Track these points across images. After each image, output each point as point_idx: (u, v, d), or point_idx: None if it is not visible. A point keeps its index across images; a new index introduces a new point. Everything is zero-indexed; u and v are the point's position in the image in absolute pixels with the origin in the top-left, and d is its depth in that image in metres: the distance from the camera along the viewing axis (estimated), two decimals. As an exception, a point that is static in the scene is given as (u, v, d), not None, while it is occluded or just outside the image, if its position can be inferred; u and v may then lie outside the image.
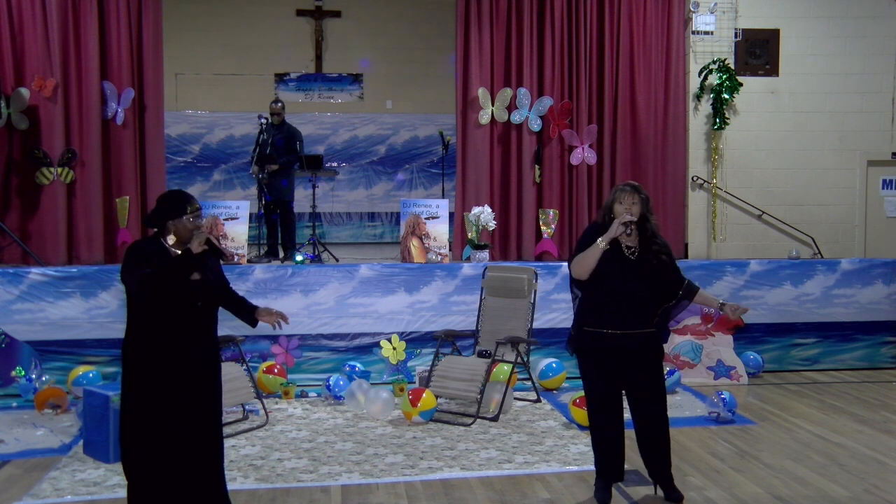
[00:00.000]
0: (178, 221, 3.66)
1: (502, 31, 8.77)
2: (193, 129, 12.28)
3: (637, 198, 4.28)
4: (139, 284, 3.53)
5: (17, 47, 8.10)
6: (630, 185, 4.37)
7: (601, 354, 4.30)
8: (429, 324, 7.37)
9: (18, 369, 6.73)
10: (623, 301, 4.23)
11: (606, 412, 4.35)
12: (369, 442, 5.52)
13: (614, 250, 4.27)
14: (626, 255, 4.28)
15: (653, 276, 4.29)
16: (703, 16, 9.08)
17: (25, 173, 8.09)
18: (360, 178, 12.55)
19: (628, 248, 4.30)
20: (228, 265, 7.25)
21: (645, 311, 4.28)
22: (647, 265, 4.28)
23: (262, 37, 12.39)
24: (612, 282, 4.24)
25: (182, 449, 3.62)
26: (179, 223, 3.66)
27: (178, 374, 3.61)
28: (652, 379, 4.36)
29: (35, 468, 4.99)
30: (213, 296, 3.79)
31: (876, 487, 4.66)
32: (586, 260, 4.23)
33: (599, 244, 4.20)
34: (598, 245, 4.20)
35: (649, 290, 4.29)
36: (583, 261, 4.25)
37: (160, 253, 3.64)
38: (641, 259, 4.29)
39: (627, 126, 8.91)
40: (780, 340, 7.88)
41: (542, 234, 8.65)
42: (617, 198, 4.31)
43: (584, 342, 4.34)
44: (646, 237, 4.32)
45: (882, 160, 9.45)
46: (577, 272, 4.29)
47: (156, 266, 3.56)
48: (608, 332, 4.24)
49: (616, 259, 4.26)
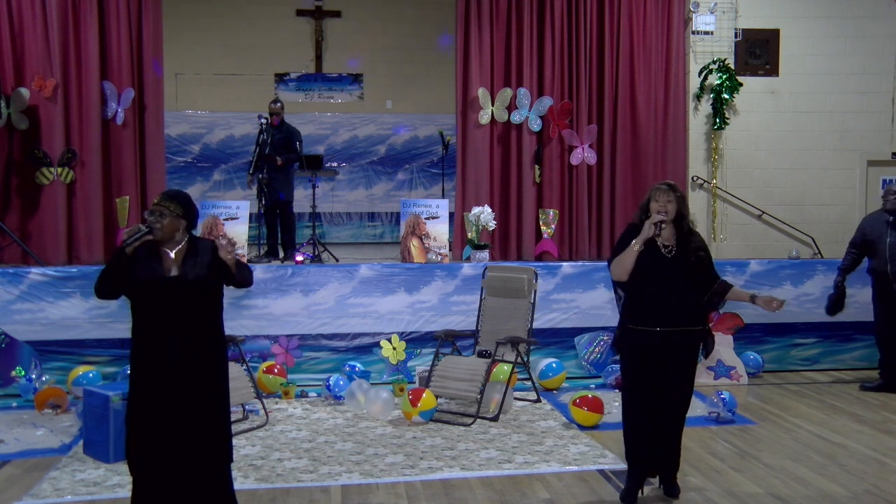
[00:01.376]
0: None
1: (502, 31, 8.77)
2: (193, 129, 12.28)
3: (672, 196, 4.34)
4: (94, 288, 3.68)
5: (17, 47, 8.10)
6: (666, 183, 4.43)
7: (644, 352, 4.33)
8: (429, 324, 7.37)
9: (18, 369, 6.72)
10: (665, 299, 4.27)
11: (642, 409, 4.38)
12: (369, 442, 5.52)
13: (652, 250, 4.32)
14: (664, 254, 4.32)
15: (691, 273, 4.34)
16: (703, 16, 9.09)
17: (25, 173, 8.09)
18: (360, 178, 12.56)
19: (665, 247, 4.34)
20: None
21: (687, 308, 4.32)
22: (685, 263, 4.32)
23: (262, 37, 12.39)
24: (652, 281, 4.29)
25: (182, 448, 3.60)
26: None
27: (151, 374, 3.59)
28: (684, 377, 4.41)
29: (35, 468, 4.98)
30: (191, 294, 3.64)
31: (876, 487, 4.66)
32: (623, 262, 4.31)
33: (634, 246, 4.28)
34: (632, 248, 4.28)
35: (689, 287, 4.33)
36: (620, 263, 4.33)
37: (148, 253, 3.63)
38: (679, 257, 4.33)
39: (627, 126, 8.91)
40: (780, 340, 7.88)
41: (542, 234, 8.65)
42: (652, 196, 4.38)
43: (629, 340, 4.38)
44: (683, 235, 4.37)
45: (882, 160, 9.45)
46: (617, 274, 4.38)
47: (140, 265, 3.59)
48: (650, 329, 4.28)
49: (654, 258, 4.31)
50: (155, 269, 3.60)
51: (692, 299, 4.34)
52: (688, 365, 4.40)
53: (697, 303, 4.37)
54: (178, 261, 3.64)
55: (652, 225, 4.25)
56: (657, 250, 4.33)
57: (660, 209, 4.30)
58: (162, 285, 3.58)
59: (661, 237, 4.32)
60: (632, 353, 4.39)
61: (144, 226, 3.64)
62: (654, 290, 4.29)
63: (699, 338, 4.39)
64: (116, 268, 3.61)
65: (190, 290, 3.62)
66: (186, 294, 3.62)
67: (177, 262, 3.64)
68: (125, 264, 3.60)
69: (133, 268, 3.59)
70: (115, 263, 3.61)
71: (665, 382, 4.38)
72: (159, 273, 3.60)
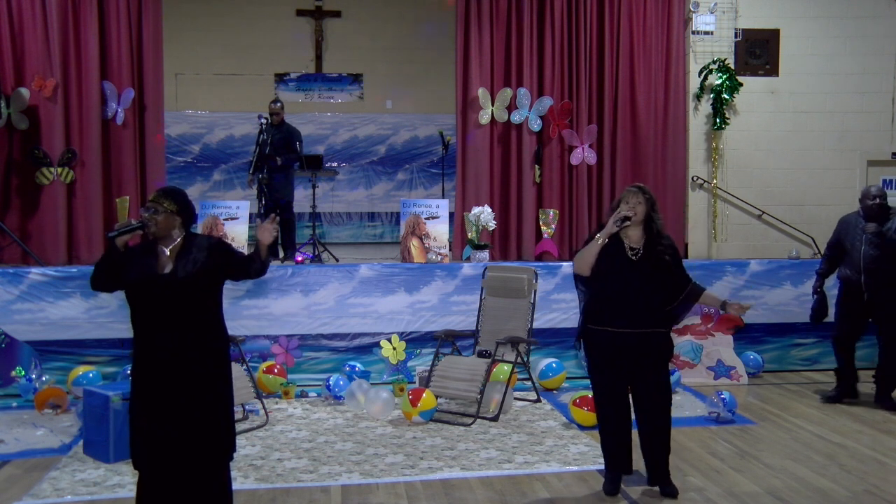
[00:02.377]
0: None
1: (502, 31, 8.77)
2: (193, 129, 12.27)
3: (642, 197, 4.38)
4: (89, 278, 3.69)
5: (17, 47, 8.10)
6: (636, 186, 4.49)
7: (606, 351, 4.37)
8: (429, 324, 7.37)
9: (18, 369, 6.73)
10: (626, 301, 4.30)
11: (613, 407, 4.45)
12: (369, 442, 5.52)
13: (618, 251, 4.34)
14: (629, 256, 4.35)
15: (656, 276, 4.34)
16: (703, 16, 9.08)
17: (25, 173, 8.09)
18: (360, 178, 12.55)
19: (632, 249, 4.36)
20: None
21: (649, 310, 4.33)
22: (651, 265, 4.33)
23: (262, 37, 12.39)
24: (615, 281, 4.31)
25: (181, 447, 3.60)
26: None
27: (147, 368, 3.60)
28: (657, 377, 4.42)
29: (35, 468, 4.99)
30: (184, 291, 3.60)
31: (876, 487, 4.66)
32: (586, 255, 4.36)
33: (598, 240, 4.33)
34: (596, 240, 4.33)
35: (653, 290, 4.34)
36: (582, 256, 4.38)
37: (144, 251, 3.63)
38: (645, 260, 4.34)
39: (627, 126, 8.91)
40: (780, 340, 7.88)
41: (542, 234, 8.65)
42: (623, 198, 4.44)
43: (589, 339, 4.43)
44: (651, 237, 4.37)
45: (882, 160, 9.44)
46: (577, 267, 4.42)
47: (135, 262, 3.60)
48: (611, 330, 4.32)
49: (619, 259, 4.34)
50: (148, 267, 3.60)
51: (654, 303, 4.35)
52: (656, 362, 4.41)
53: (661, 306, 4.37)
54: (172, 258, 3.63)
55: (617, 220, 4.29)
56: (623, 252, 4.36)
57: (629, 209, 4.34)
58: (154, 283, 3.57)
59: (629, 238, 4.36)
60: (593, 352, 4.45)
61: (136, 221, 3.64)
62: (616, 291, 4.32)
63: (662, 338, 4.39)
64: (108, 260, 3.62)
65: (182, 287, 3.59)
66: (179, 291, 3.59)
67: (171, 260, 3.63)
68: (117, 258, 3.61)
69: (128, 265, 3.60)
70: (107, 255, 3.63)
71: (637, 382, 4.44)
72: (152, 270, 3.59)
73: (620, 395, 4.44)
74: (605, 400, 4.48)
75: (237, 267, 3.82)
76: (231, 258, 3.81)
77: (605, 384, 4.45)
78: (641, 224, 4.38)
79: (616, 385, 4.42)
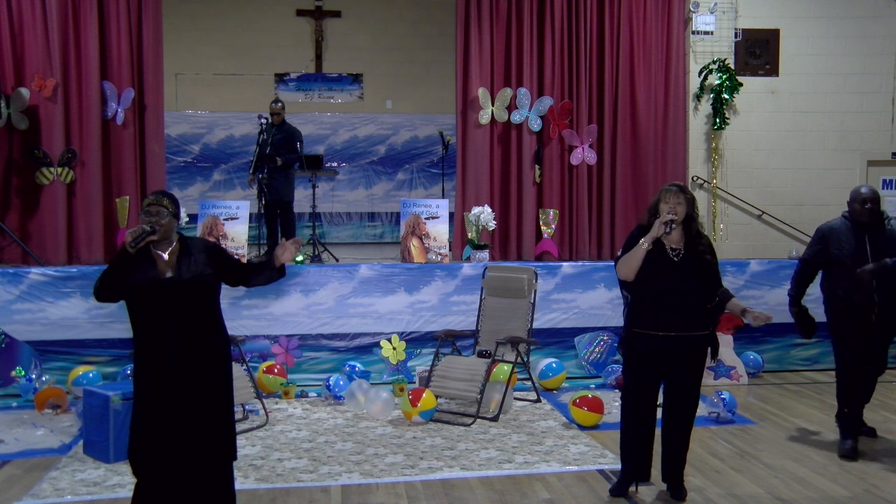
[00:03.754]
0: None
1: (502, 31, 8.77)
2: (193, 129, 12.27)
3: (682, 198, 4.30)
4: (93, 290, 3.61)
5: (17, 47, 8.10)
6: (676, 185, 4.39)
7: (647, 355, 4.32)
8: (429, 324, 7.37)
9: (18, 369, 6.72)
10: (670, 303, 4.24)
11: (641, 413, 4.40)
12: (369, 442, 5.52)
13: (659, 252, 4.28)
14: (671, 257, 4.29)
15: (697, 277, 4.29)
16: (703, 16, 9.09)
17: (25, 173, 8.10)
18: (360, 178, 12.54)
19: (673, 250, 4.30)
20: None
21: (692, 312, 4.28)
22: (692, 266, 4.29)
23: (262, 37, 12.38)
24: (658, 283, 4.25)
25: (186, 449, 3.60)
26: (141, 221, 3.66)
27: (154, 374, 3.58)
28: (691, 381, 4.38)
29: (35, 468, 4.99)
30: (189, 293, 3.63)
31: (876, 487, 4.66)
32: (630, 261, 4.27)
33: (643, 245, 4.23)
34: (641, 246, 4.23)
35: (696, 290, 4.28)
36: (627, 262, 4.29)
37: (141, 255, 3.58)
38: (686, 260, 4.29)
39: (627, 126, 8.91)
40: (780, 340, 7.87)
41: (542, 234, 8.65)
42: (662, 197, 4.33)
43: (634, 343, 4.36)
44: (691, 237, 4.33)
45: (882, 160, 9.45)
46: (623, 273, 4.33)
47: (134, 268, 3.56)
48: (657, 333, 4.26)
49: (661, 260, 4.27)
50: (150, 272, 3.57)
51: (698, 303, 4.29)
52: (694, 369, 4.37)
53: (703, 307, 4.32)
54: (172, 262, 3.62)
55: (662, 224, 4.20)
56: (664, 253, 4.29)
57: (670, 210, 4.25)
58: (159, 287, 3.56)
59: (669, 239, 4.28)
60: (635, 356, 4.38)
61: (147, 226, 3.58)
62: (659, 293, 4.25)
63: (704, 342, 4.35)
64: (120, 270, 3.55)
65: (187, 290, 3.60)
66: (184, 295, 3.60)
67: (171, 264, 3.62)
68: (129, 265, 3.55)
69: (125, 273, 3.55)
70: (118, 265, 3.55)
71: (671, 387, 4.39)
72: (155, 275, 3.57)
73: (651, 399, 4.39)
74: (635, 405, 4.41)
75: (234, 271, 3.84)
76: (229, 261, 3.83)
77: (640, 387, 4.38)
78: (681, 224, 4.31)
79: (648, 390, 4.37)
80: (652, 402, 4.40)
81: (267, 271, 3.84)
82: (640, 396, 4.39)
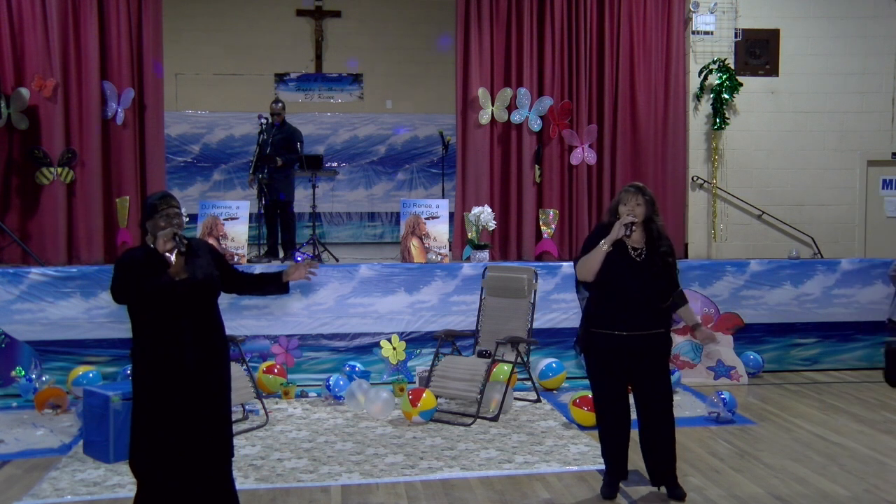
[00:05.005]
0: (152, 221, 3.64)
1: (502, 31, 8.77)
2: (193, 129, 12.27)
3: (641, 199, 4.29)
4: (112, 291, 3.61)
5: (17, 47, 8.10)
6: (634, 186, 4.38)
7: (608, 355, 4.32)
8: (429, 324, 7.37)
9: (18, 369, 6.72)
10: (630, 302, 4.25)
11: (614, 412, 4.41)
12: (369, 442, 5.52)
13: (620, 251, 4.28)
14: (633, 257, 4.29)
15: (658, 277, 4.31)
16: (703, 16, 9.09)
17: (25, 173, 8.09)
18: (360, 178, 12.54)
19: (634, 250, 4.31)
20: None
21: (652, 311, 4.29)
22: (653, 266, 4.29)
23: (262, 37, 12.38)
24: (619, 283, 4.25)
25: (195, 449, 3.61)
26: (153, 223, 3.63)
27: (170, 374, 3.58)
28: (658, 379, 4.39)
29: (35, 468, 4.99)
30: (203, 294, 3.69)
31: (876, 487, 4.66)
32: (590, 262, 4.27)
33: (602, 246, 4.23)
34: (601, 247, 4.23)
35: (655, 290, 4.30)
36: (587, 263, 4.28)
37: (148, 257, 3.60)
38: (648, 260, 4.30)
39: (627, 126, 8.91)
40: (780, 340, 7.87)
41: (542, 234, 8.65)
42: (621, 199, 4.33)
43: (591, 343, 4.37)
44: (652, 238, 4.33)
45: (882, 160, 9.45)
46: (582, 274, 4.34)
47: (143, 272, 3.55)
48: (615, 333, 4.26)
49: (622, 260, 4.27)
50: (163, 274, 3.58)
51: (656, 303, 4.31)
52: (658, 363, 4.38)
53: (661, 306, 4.34)
54: (182, 263, 3.64)
55: (622, 226, 4.19)
56: (626, 253, 4.29)
57: (629, 211, 4.25)
58: (173, 287, 3.57)
59: (631, 239, 4.28)
60: (597, 357, 4.39)
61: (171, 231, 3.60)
62: (620, 292, 4.25)
63: (663, 339, 4.36)
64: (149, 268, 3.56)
65: (201, 291, 3.66)
66: (198, 296, 3.65)
67: (180, 265, 3.63)
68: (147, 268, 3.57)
69: (136, 276, 3.55)
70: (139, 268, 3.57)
71: (638, 385, 4.39)
72: (168, 278, 3.58)
73: (621, 398, 4.41)
74: (605, 403, 4.44)
75: (233, 277, 3.93)
76: (228, 266, 3.95)
77: (606, 387, 4.40)
78: (641, 224, 4.32)
79: (617, 388, 4.39)
80: (622, 400, 4.40)
81: (272, 286, 3.90)
82: (608, 396, 4.40)
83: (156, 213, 3.64)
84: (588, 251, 4.30)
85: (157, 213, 3.64)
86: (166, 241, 3.55)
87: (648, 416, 4.40)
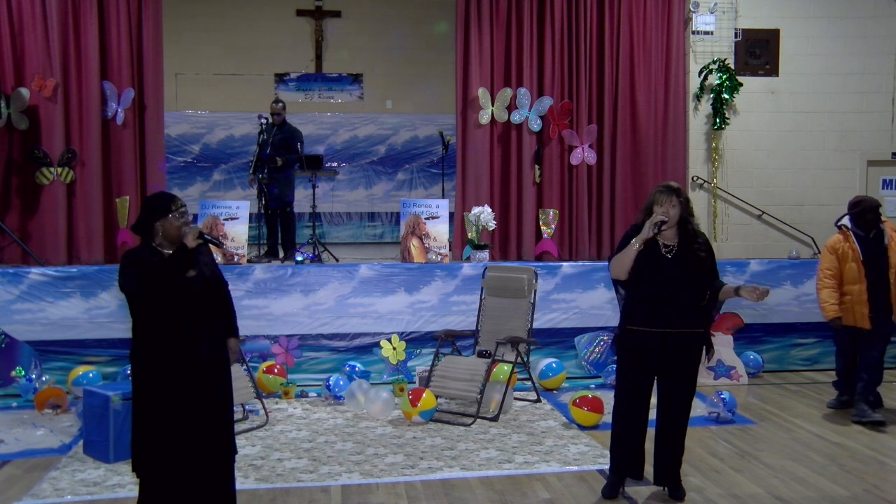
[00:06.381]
0: (165, 221, 3.63)
1: (502, 31, 8.77)
2: (193, 129, 12.27)
3: (675, 200, 4.31)
4: (141, 283, 3.52)
5: (17, 47, 8.09)
6: (669, 186, 4.38)
7: (639, 351, 4.33)
8: (429, 324, 7.37)
9: (18, 369, 6.72)
10: (664, 300, 4.26)
11: (633, 410, 4.40)
12: (369, 442, 5.52)
13: (652, 250, 4.30)
14: (664, 254, 4.31)
15: (691, 274, 4.30)
16: (703, 16, 9.09)
17: (25, 173, 8.09)
18: (360, 178, 12.54)
19: (666, 247, 4.32)
20: (229, 265, 7.26)
21: (686, 309, 4.28)
22: (685, 263, 4.29)
23: (262, 37, 12.38)
24: (651, 281, 4.27)
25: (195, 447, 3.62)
26: (166, 222, 3.63)
27: (184, 372, 3.59)
28: (686, 379, 4.39)
29: (35, 468, 4.99)
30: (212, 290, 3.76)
31: (876, 487, 4.66)
32: (622, 261, 4.30)
33: (633, 245, 4.26)
34: (632, 246, 4.26)
35: (689, 287, 4.29)
36: (619, 262, 4.32)
37: (154, 257, 3.61)
38: (679, 257, 4.30)
39: (627, 126, 8.91)
40: (780, 340, 7.88)
41: (542, 234, 8.65)
42: (656, 199, 4.33)
43: (628, 340, 4.37)
44: (688, 236, 4.34)
45: (882, 160, 9.45)
46: (615, 272, 4.38)
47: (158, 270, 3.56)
48: (647, 330, 4.28)
49: (654, 258, 4.29)
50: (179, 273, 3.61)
51: (692, 301, 4.30)
52: (688, 367, 4.38)
53: (697, 304, 4.32)
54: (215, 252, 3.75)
55: (652, 225, 4.22)
56: (657, 250, 4.31)
57: (663, 212, 4.27)
58: (188, 285, 3.60)
59: (662, 236, 4.30)
60: (629, 353, 4.39)
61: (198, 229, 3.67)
62: (653, 290, 4.27)
63: (699, 340, 4.35)
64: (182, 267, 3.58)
65: (211, 286, 3.72)
66: (210, 292, 3.71)
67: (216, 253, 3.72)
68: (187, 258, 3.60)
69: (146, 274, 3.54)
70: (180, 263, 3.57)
71: (666, 386, 4.39)
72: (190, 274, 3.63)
73: (644, 397, 4.40)
74: (627, 402, 4.42)
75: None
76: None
77: (632, 384, 4.40)
78: (676, 225, 4.33)
79: (643, 384, 4.39)
80: (645, 400, 4.40)
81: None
82: (632, 393, 4.39)
83: (168, 213, 3.65)
84: (620, 250, 4.34)
85: (171, 212, 3.65)
86: (195, 237, 3.62)
87: (666, 415, 4.41)
